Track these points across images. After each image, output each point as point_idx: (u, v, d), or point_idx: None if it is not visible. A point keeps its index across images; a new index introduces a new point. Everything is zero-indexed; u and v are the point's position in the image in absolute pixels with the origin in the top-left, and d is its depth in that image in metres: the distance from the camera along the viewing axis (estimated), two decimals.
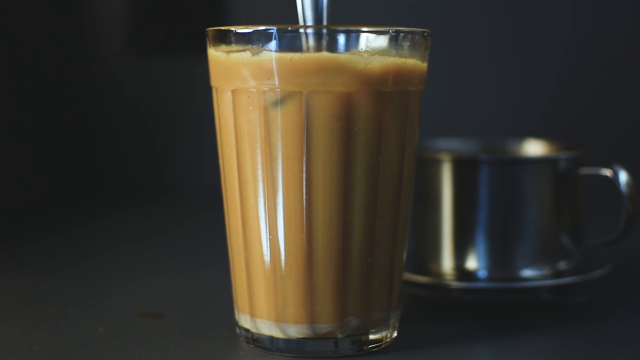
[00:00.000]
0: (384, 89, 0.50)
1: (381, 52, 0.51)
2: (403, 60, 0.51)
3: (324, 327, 0.52)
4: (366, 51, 0.50)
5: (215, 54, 0.53)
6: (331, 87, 0.49)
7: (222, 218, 0.56)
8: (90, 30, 1.23)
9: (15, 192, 1.11)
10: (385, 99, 0.51)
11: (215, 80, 0.54)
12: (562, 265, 0.64)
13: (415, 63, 0.52)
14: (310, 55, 0.50)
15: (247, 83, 0.51)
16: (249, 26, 0.51)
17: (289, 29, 0.50)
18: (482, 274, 0.62)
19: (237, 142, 0.52)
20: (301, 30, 0.50)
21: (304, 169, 0.50)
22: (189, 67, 1.21)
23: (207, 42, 0.54)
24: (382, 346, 0.54)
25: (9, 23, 1.11)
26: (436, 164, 0.63)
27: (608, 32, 1.14)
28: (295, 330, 0.52)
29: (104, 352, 0.53)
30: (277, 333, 0.52)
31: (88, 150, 1.24)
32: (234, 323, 0.57)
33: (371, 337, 0.53)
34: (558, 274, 0.63)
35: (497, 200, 0.62)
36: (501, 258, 0.62)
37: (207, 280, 0.72)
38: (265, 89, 0.50)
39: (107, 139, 1.24)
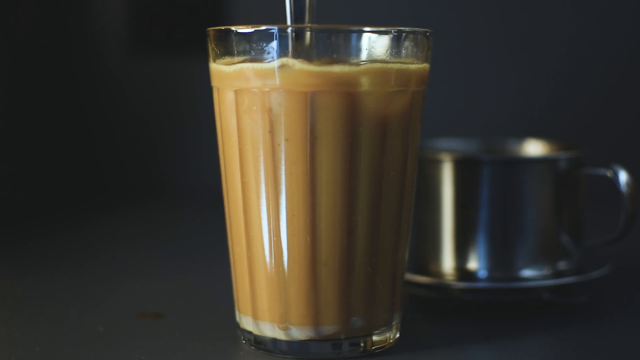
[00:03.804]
0: (387, 89, 0.50)
1: (384, 53, 0.50)
2: (406, 60, 0.51)
3: (328, 329, 0.52)
4: (369, 51, 0.50)
5: (218, 67, 0.53)
6: (335, 87, 0.49)
7: (221, 218, 0.56)
8: (90, 30, 1.23)
9: (15, 192, 1.11)
10: (389, 100, 0.51)
11: (216, 80, 0.53)
12: (562, 265, 0.63)
13: (417, 63, 0.52)
14: (313, 56, 0.50)
15: (250, 83, 0.50)
16: (250, 26, 0.51)
17: (290, 29, 0.50)
18: (483, 274, 0.62)
19: (239, 143, 0.52)
20: (301, 30, 0.50)
21: (308, 170, 0.50)
22: (189, 67, 1.21)
23: (208, 43, 0.54)
24: (386, 347, 0.54)
25: (9, 23, 1.11)
26: (437, 164, 0.63)
27: (608, 32, 1.14)
28: (299, 332, 0.52)
29: (104, 352, 0.53)
30: (280, 335, 0.52)
31: (88, 150, 1.24)
32: (235, 324, 0.57)
33: (375, 338, 0.53)
34: (558, 274, 0.63)
35: (497, 200, 0.62)
36: (501, 258, 0.62)
37: (207, 280, 0.72)
38: (267, 89, 0.50)
39: (107, 139, 1.24)
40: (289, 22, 0.52)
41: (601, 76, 1.15)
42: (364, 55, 0.50)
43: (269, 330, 0.52)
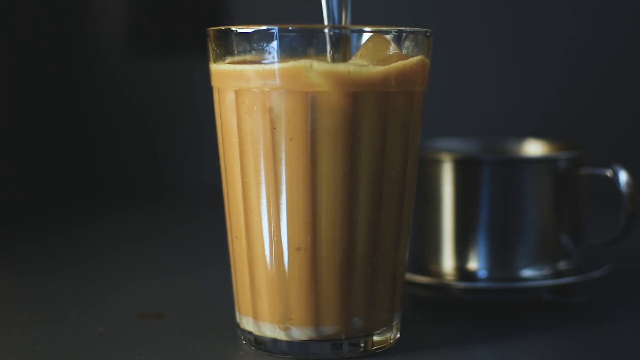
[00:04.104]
0: (388, 90, 0.50)
1: (384, 53, 0.50)
2: (406, 60, 0.51)
3: (329, 329, 0.52)
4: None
5: (218, 67, 0.53)
6: (336, 87, 0.49)
7: (221, 218, 0.56)
8: (90, 30, 1.23)
9: (15, 192, 1.11)
10: (389, 100, 0.51)
11: (216, 80, 0.53)
12: (562, 265, 0.64)
13: (418, 63, 0.52)
14: (313, 56, 0.50)
15: (251, 83, 0.50)
16: (250, 26, 0.51)
17: (290, 28, 0.50)
18: (483, 274, 0.62)
19: (240, 143, 0.51)
20: (302, 30, 0.50)
21: (309, 170, 0.50)
22: (189, 67, 1.20)
23: (208, 44, 0.54)
24: (386, 347, 0.54)
25: (9, 23, 1.11)
26: (437, 164, 0.63)
27: (608, 32, 1.14)
28: (300, 333, 0.52)
29: (104, 352, 0.53)
30: (280, 335, 0.52)
31: (88, 150, 1.24)
32: (235, 324, 0.57)
33: (375, 338, 0.53)
34: (558, 274, 0.63)
35: (497, 200, 0.62)
36: (501, 258, 0.62)
37: (207, 280, 0.72)
38: (268, 89, 0.50)
39: (107, 139, 1.24)
40: (326, 21, 0.52)
41: (601, 76, 1.15)
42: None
43: (269, 330, 0.52)
